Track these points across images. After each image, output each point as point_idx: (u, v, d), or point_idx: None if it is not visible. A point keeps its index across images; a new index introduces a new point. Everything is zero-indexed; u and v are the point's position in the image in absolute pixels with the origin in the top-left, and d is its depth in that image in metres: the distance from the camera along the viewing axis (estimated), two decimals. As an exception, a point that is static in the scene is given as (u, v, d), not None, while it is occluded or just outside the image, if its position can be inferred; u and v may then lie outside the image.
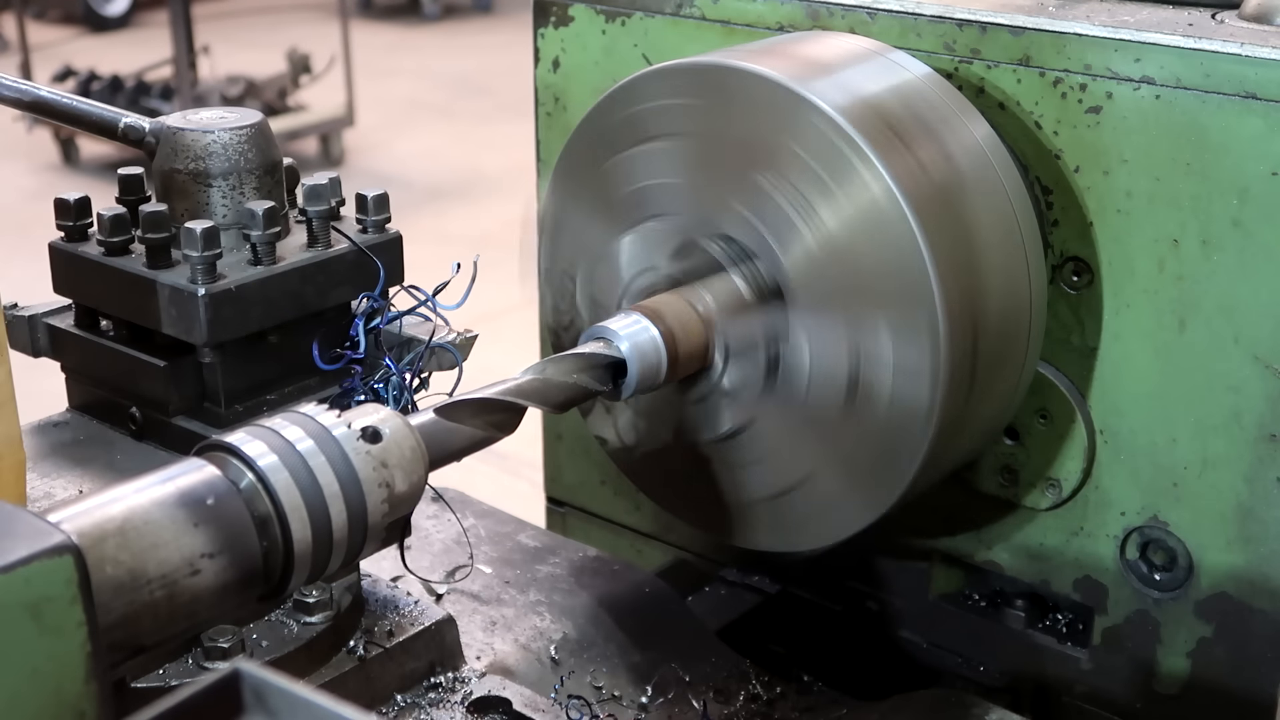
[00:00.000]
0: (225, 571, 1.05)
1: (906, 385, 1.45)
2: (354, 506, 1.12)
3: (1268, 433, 1.52)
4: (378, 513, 1.14)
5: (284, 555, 1.09)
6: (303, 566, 1.10)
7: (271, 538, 1.08)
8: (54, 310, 1.52)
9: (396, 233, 1.51)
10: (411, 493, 1.17)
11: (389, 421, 1.16)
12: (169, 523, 1.03)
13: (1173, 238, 1.54)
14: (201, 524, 1.04)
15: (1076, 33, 1.55)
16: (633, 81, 1.61)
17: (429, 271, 1.52)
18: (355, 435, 1.14)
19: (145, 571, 1.00)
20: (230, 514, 1.06)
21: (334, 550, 1.12)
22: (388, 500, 1.14)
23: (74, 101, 1.51)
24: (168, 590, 1.01)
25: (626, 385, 1.46)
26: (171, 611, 1.02)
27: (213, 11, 12.45)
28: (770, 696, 1.69)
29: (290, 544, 1.08)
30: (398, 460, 1.15)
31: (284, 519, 1.08)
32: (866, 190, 1.43)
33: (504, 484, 3.44)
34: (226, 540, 1.05)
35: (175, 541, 1.02)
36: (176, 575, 1.02)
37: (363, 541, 1.14)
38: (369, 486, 1.13)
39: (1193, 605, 1.64)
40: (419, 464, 1.18)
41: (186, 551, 1.03)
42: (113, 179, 1.55)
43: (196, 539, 1.03)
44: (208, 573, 1.04)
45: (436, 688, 1.49)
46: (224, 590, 1.05)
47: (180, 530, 1.03)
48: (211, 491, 1.06)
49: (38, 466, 1.40)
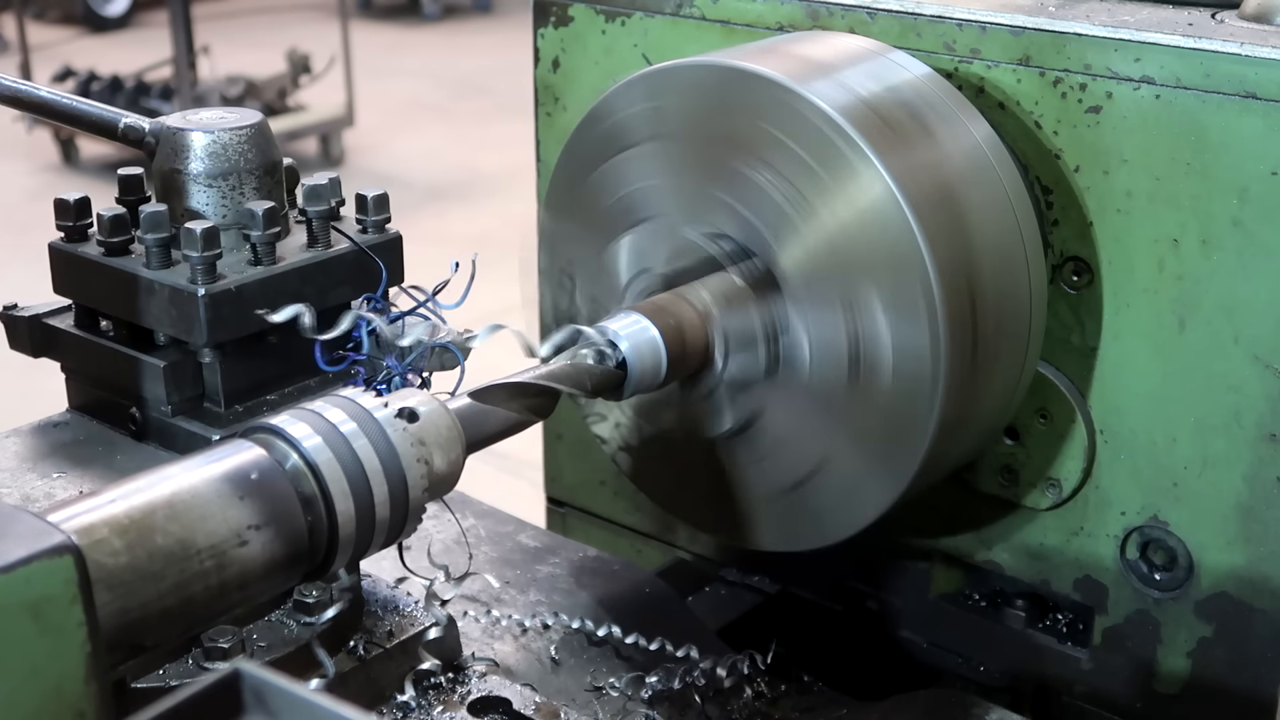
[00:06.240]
0: (272, 544, 1.08)
1: (907, 354, 1.45)
2: (395, 483, 1.15)
3: (1268, 433, 1.52)
4: (418, 488, 1.17)
5: (329, 531, 1.12)
6: (347, 543, 1.13)
7: (316, 514, 1.11)
8: (54, 310, 1.52)
9: (396, 233, 1.51)
10: (450, 472, 1.21)
11: (426, 403, 1.20)
12: (215, 495, 1.06)
13: (1173, 237, 1.54)
14: (247, 497, 1.07)
15: (1076, 32, 1.55)
16: (634, 81, 1.61)
17: (429, 271, 1.52)
18: (394, 415, 1.17)
19: (195, 541, 1.03)
20: (275, 488, 1.09)
21: (377, 527, 1.15)
22: (427, 477, 1.18)
23: (74, 101, 1.51)
24: (217, 560, 1.04)
25: (627, 385, 1.46)
26: (223, 583, 1.04)
27: (213, 11, 12.45)
28: (770, 696, 1.69)
29: (335, 520, 1.12)
30: (435, 439, 1.19)
31: (328, 496, 1.11)
32: (865, 188, 1.43)
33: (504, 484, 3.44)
34: (272, 513, 1.08)
35: (222, 513, 1.05)
36: (225, 546, 1.05)
37: (404, 519, 1.17)
38: (408, 463, 1.16)
39: (1193, 605, 1.64)
40: (456, 443, 1.21)
41: (234, 523, 1.06)
42: (113, 179, 1.55)
43: (243, 511, 1.06)
44: (255, 544, 1.07)
45: (437, 688, 1.49)
46: (272, 563, 1.08)
47: (226, 502, 1.06)
48: (256, 467, 1.10)
49: (38, 466, 1.40)
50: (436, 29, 13.36)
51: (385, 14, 13.78)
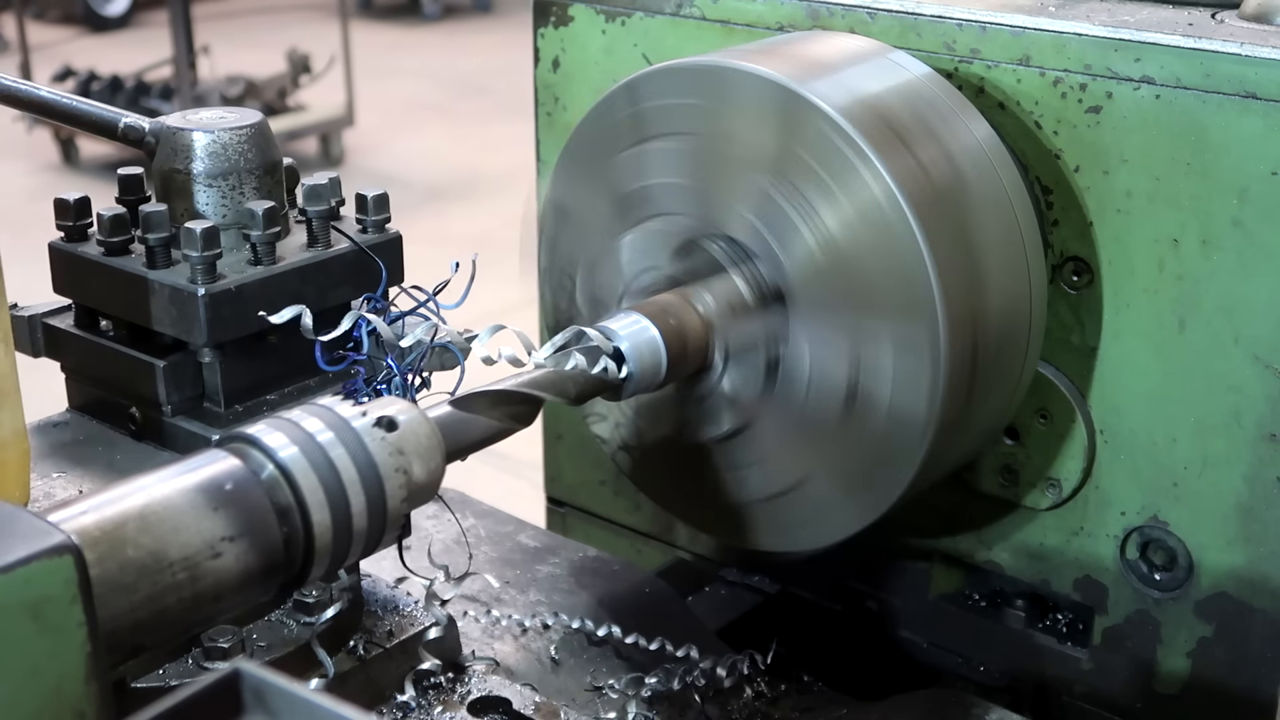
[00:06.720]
0: (246, 555, 1.06)
1: (905, 396, 1.45)
2: (372, 493, 1.14)
3: (1268, 433, 1.52)
4: (396, 498, 1.15)
5: (305, 542, 1.10)
6: (324, 553, 1.12)
7: (292, 525, 1.09)
8: (54, 310, 1.52)
9: (396, 233, 1.51)
10: (430, 481, 1.19)
11: (405, 411, 1.18)
12: (188, 507, 1.04)
13: (1173, 237, 1.54)
14: (221, 508, 1.05)
15: (1076, 33, 1.55)
16: (634, 81, 1.61)
17: (429, 271, 1.52)
18: (372, 424, 1.16)
19: (167, 554, 1.01)
20: (249, 499, 1.08)
21: (354, 537, 1.13)
22: (406, 486, 1.16)
23: (74, 101, 1.51)
24: (190, 573, 1.02)
25: (626, 385, 1.46)
26: (196, 595, 1.03)
27: (213, 11, 12.45)
28: (770, 696, 1.69)
29: (311, 530, 1.10)
30: (414, 448, 1.17)
31: (304, 506, 1.10)
32: (867, 191, 1.43)
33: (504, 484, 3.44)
34: (246, 524, 1.06)
35: (195, 525, 1.04)
36: (198, 558, 1.03)
37: (383, 529, 1.16)
38: (386, 472, 1.14)
39: (1193, 605, 1.64)
40: (436, 452, 1.19)
41: (207, 534, 1.04)
42: (113, 179, 1.55)
43: (216, 522, 1.05)
44: (229, 556, 1.05)
45: (437, 688, 1.49)
46: (246, 575, 1.06)
47: (200, 514, 1.04)
48: (230, 478, 1.08)
49: (38, 466, 1.40)
50: (436, 29, 13.36)
51: (385, 14, 13.78)
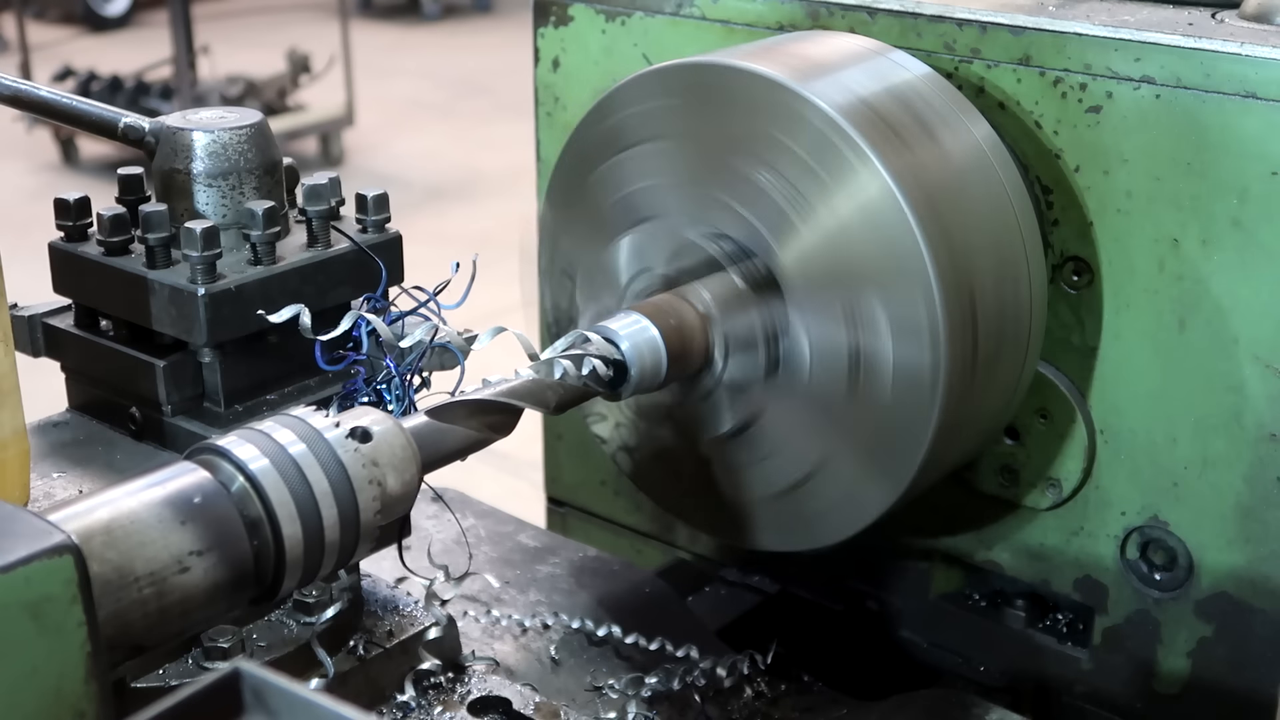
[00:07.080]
0: (215, 570, 1.05)
1: (907, 360, 1.44)
2: (345, 505, 1.12)
3: (1268, 433, 1.52)
4: (369, 510, 1.14)
5: (275, 555, 1.08)
6: (295, 566, 1.10)
7: (263, 538, 1.08)
8: (54, 310, 1.52)
9: (396, 233, 1.51)
10: (404, 493, 1.17)
11: (379, 422, 1.17)
12: (155, 521, 1.03)
13: (1173, 237, 1.54)
14: (189, 522, 1.04)
15: (1076, 32, 1.55)
16: (629, 83, 1.61)
17: (429, 271, 1.52)
18: (345, 435, 1.14)
19: (133, 569, 1.00)
20: (218, 512, 1.06)
21: (326, 550, 1.12)
22: (379, 499, 1.14)
23: (74, 101, 1.51)
24: (156, 588, 1.01)
25: (626, 385, 1.46)
26: (163, 609, 1.02)
27: (213, 11, 12.45)
28: (770, 696, 1.69)
29: (281, 543, 1.08)
30: (389, 459, 1.15)
31: (274, 519, 1.08)
32: (864, 188, 1.43)
33: (504, 484, 3.44)
34: (215, 538, 1.05)
35: (162, 539, 1.02)
36: (165, 573, 1.02)
37: (355, 541, 1.14)
38: (359, 484, 1.13)
39: (1193, 605, 1.64)
40: (411, 464, 1.17)
41: (174, 549, 1.03)
42: (113, 179, 1.55)
43: (184, 536, 1.03)
44: (196, 571, 1.04)
45: (437, 688, 1.49)
46: (215, 589, 1.05)
47: (167, 528, 1.03)
48: (199, 491, 1.06)
49: (38, 466, 1.40)
50: (436, 29, 13.37)
51: (385, 14, 13.78)
